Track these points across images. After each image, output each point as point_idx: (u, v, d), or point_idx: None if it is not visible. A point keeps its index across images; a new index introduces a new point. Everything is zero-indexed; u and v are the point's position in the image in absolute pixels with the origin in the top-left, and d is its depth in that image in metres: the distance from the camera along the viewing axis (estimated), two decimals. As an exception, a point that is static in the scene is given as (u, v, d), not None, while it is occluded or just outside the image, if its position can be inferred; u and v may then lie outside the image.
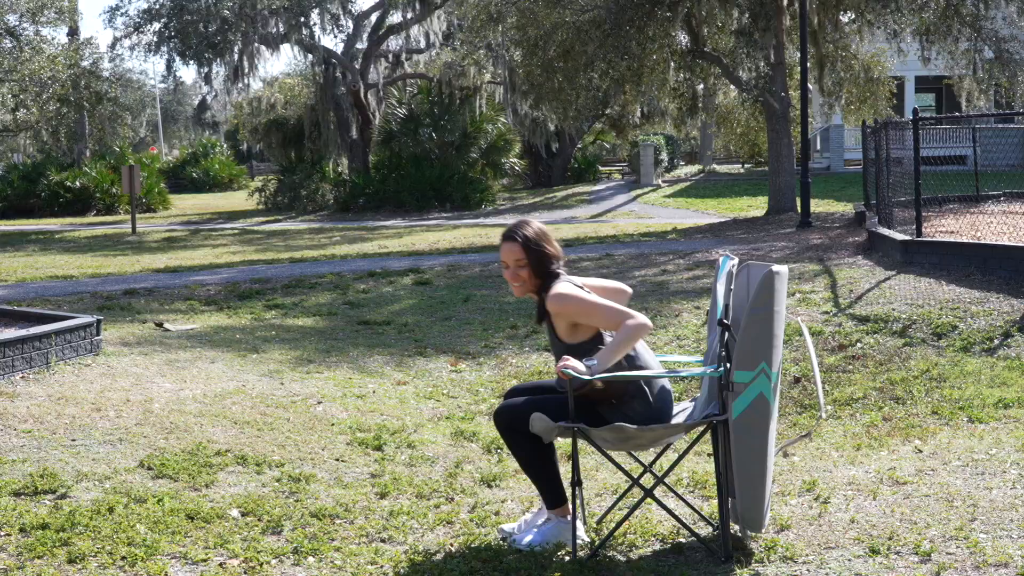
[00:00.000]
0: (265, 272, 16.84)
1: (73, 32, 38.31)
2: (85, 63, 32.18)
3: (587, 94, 24.15)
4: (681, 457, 5.22)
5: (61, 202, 38.91)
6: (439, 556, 4.96)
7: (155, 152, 66.00)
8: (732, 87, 26.99)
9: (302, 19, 34.16)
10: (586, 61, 22.43)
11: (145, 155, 52.02)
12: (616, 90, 24.66)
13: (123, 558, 4.84)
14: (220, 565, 4.82)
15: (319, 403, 8.45)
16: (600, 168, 49.65)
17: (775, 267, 4.86)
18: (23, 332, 8.72)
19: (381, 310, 13.09)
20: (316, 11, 34.71)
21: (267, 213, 37.17)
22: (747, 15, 23.06)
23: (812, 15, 23.06)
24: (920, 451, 6.77)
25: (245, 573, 4.77)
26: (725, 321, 4.94)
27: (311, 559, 4.95)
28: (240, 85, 36.86)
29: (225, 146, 65.57)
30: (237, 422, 7.55)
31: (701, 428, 5.11)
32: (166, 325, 11.78)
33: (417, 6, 35.25)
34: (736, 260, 5.24)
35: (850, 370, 9.64)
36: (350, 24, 36.73)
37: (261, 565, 4.82)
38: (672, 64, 23.89)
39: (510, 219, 29.76)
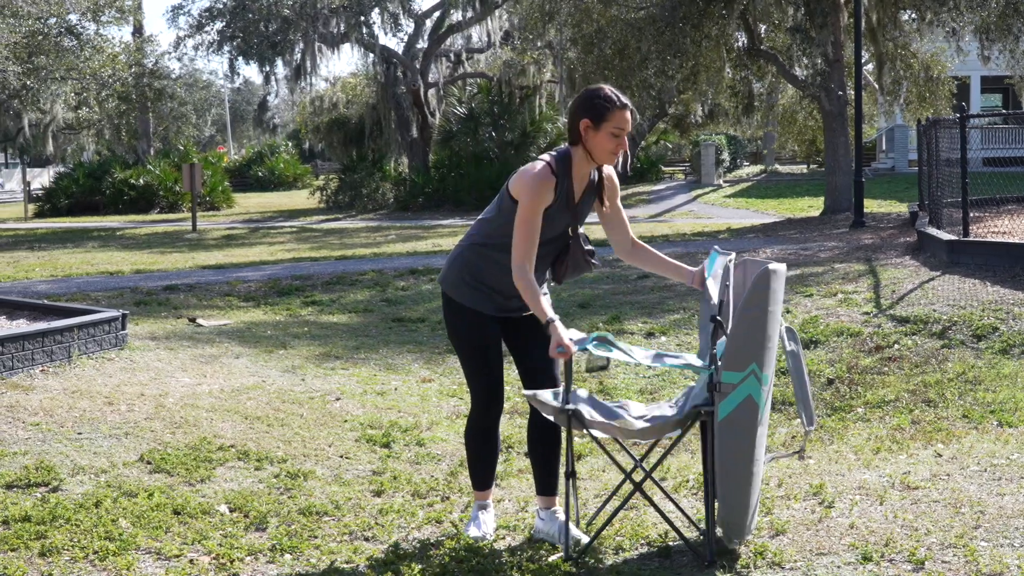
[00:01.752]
0: (308, 269, 16.84)
1: (138, 30, 38.77)
2: (147, 61, 32.54)
3: (643, 93, 23.91)
4: (668, 452, 5.06)
5: (125, 200, 39.31)
6: (417, 556, 4.84)
7: (223, 151, 66.63)
8: (790, 86, 26.61)
9: (362, 18, 34.24)
10: (640, 59, 22.22)
11: (211, 154, 52.57)
12: (671, 89, 24.39)
13: (95, 552, 4.78)
14: (191, 561, 4.74)
15: (337, 399, 8.38)
16: (663, 168, 49.27)
17: (772, 265, 4.67)
18: (43, 326, 8.74)
19: (417, 307, 13.01)
20: (376, 10, 34.78)
21: (328, 212, 37.33)
22: (803, 12, 22.71)
23: (870, 12, 22.66)
24: (940, 455, 6.54)
25: (215, 570, 4.68)
26: (718, 317, 4.78)
27: (287, 556, 4.85)
28: (302, 84, 37.05)
29: (290, 145, 66.03)
30: (248, 417, 7.49)
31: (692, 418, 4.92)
32: (199, 321, 11.78)
33: (477, 5, 35.20)
34: (733, 255, 5.06)
35: (885, 372, 9.41)
36: (411, 24, 36.77)
37: (232, 562, 4.73)
38: (727, 62, 23.59)
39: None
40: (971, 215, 14.31)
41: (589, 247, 5.06)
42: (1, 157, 74.16)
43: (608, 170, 5.04)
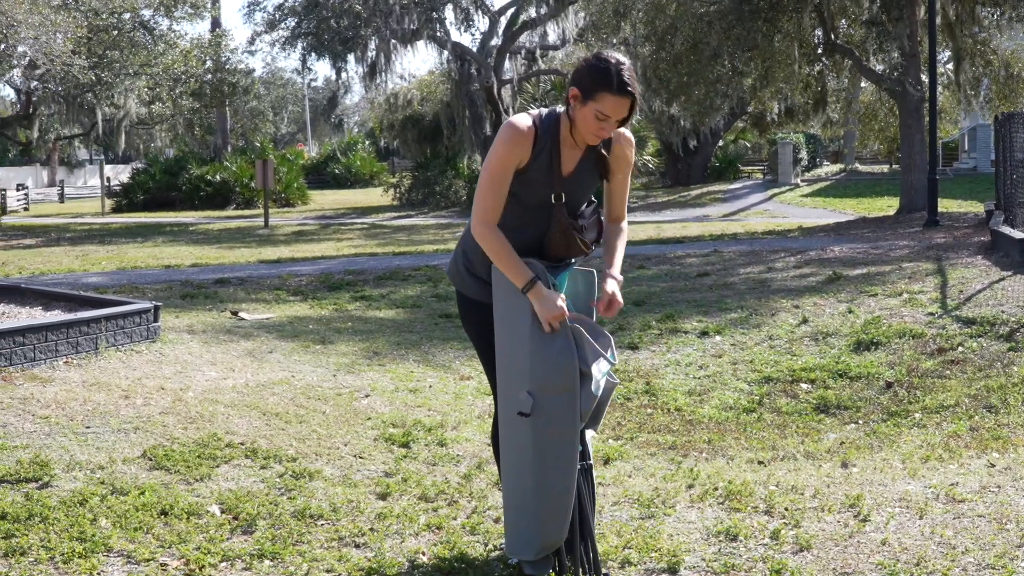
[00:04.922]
0: (363, 264, 16.60)
1: (216, 25, 38.94)
2: (222, 56, 32.62)
3: (714, 89, 23.36)
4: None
5: (201, 196, 39.58)
6: (404, 566, 4.48)
7: (302, 149, 66.95)
8: (870, 83, 25.89)
9: (434, 15, 34.01)
10: (710, 54, 21.71)
11: (290, 151, 52.78)
12: (742, 85, 23.80)
13: (62, 554, 4.48)
14: (161, 566, 4.42)
15: (366, 396, 8.07)
16: (741, 167, 48.55)
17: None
18: (69, 316, 8.53)
19: (467, 303, 12.66)
20: (448, 7, 34.55)
21: (401, 209, 37.26)
22: (878, 4, 22.03)
23: (947, 8, 21.94)
24: (993, 465, 6.06)
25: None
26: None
27: (266, 563, 4.52)
28: (377, 81, 36.91)
29: (367, 143, 66.14)
30: (267, 413, 7.20)
31: None
32: (241, 314, 11.56)
33: (551, 2, 34.83)
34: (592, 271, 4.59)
35: (947, 375, 8.90)
36: (484, 21, 36.51)
37: (203, 568, 4.40)
38: (801, 57, 22.96)
39: (639, 216, 29.13)
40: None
41: (583, 221, 4.38)
42: (86, 154, 75.29)
43: (624, 136, 4.37)
